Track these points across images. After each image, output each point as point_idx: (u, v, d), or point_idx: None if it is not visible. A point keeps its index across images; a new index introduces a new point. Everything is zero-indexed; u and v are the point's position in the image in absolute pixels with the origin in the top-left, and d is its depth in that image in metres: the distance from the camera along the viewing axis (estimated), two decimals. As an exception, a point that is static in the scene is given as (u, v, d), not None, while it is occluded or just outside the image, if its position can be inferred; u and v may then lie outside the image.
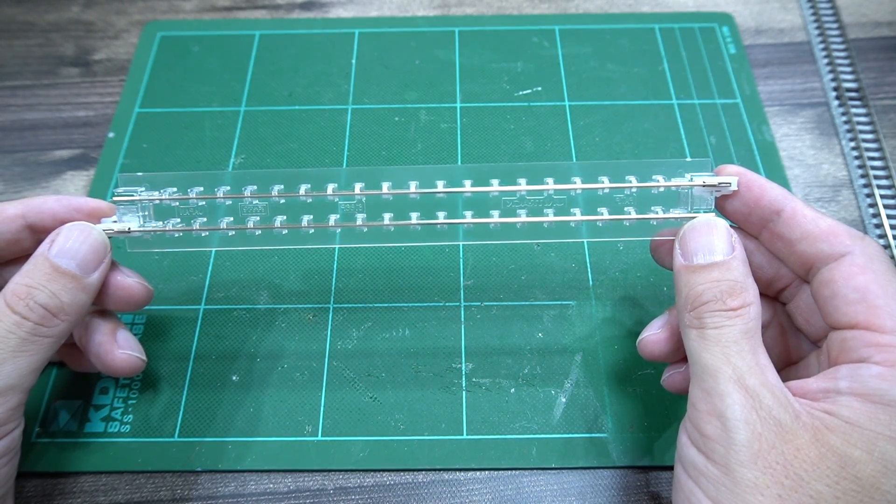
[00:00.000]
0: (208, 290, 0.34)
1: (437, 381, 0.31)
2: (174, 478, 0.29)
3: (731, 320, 0.22)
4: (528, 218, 0.27)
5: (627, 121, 0.40)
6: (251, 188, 0.27)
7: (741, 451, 0.20)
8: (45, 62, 0.43)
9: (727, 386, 0.21)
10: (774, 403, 0.21)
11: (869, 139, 0.39)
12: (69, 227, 0.26)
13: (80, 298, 0.25)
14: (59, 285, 0.24)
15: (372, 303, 0.33)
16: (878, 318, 0.21)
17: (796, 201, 0.24)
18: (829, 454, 0.20)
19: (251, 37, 0.44)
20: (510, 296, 0.33)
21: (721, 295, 0.23)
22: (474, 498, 0.29)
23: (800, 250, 0.24)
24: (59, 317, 0.25)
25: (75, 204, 0.27)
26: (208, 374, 0.31)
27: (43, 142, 0.40)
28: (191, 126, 0.40)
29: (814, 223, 0.24)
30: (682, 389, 0.27)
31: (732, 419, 0.21)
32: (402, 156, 0.38)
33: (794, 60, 0.43)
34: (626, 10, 0.45)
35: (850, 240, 0.23)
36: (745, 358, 0.22)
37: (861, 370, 0.21)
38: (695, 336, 0.23)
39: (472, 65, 0.42)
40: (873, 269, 0.22)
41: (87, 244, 0.26)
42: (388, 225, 0.27)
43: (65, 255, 0.25)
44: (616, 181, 0.27)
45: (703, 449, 0.21)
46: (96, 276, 0.26)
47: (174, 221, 0.27)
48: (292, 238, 0.28)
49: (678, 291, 0.24)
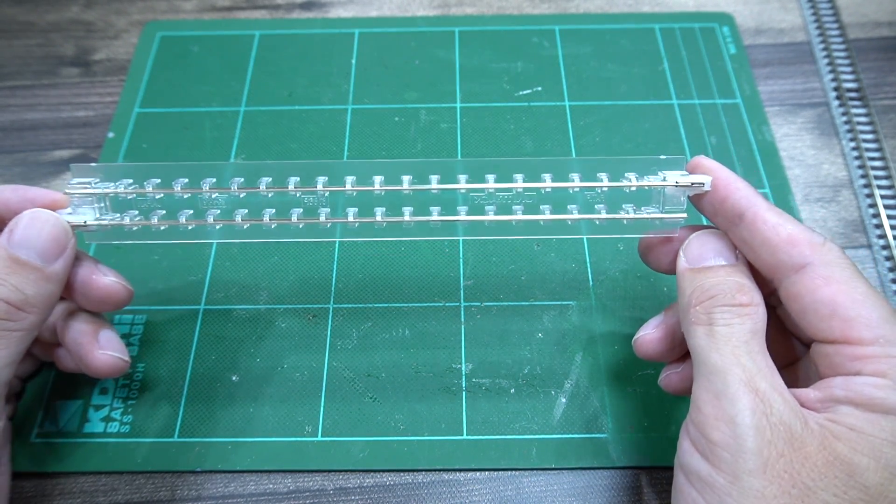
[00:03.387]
0: (208, 290, 0.34)
1: (437, 381, 0.31)
2: (174, 478, 0.29)
3: (741, 318, 0.22)
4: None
5: (627, 121, 0.40)
6: (209, 181, 0.26)
7: (750, 460, 0.19)
8: (45, 62, 0.43)
9: (737, 389, 0.20)
10: (785, 409, 0.20)
11: (869, 139, 0.39)
12: (26, 216, 0.25)
13: (46, 289, 0.24)
14: (20, 278, 0.24)
15: (372, 303, 0.33)
16: (855, 332, 0.21)
17: (759, 205, 0.23)
18: (836, 462, 0.19)
19: (251, 37, 0.43)
20: (510, 296, 0.33)
21: (730, 290, 0.22)
22: (474, 498, 0.29)
23: (762, 258, 0.23)
24: (26, 310, 0.24)
25: (30, 195, 0.26)
26: (208, 374, 0.31)
27: (43, 142, 0.40)
28: (191, 126, 0.40)
29: (774, 231, 0.23)
30: (679, 390, 0.27)
31: (743, 425, 0.20)
32: (402, 156, 0.38)
33: (794, 60, 0.43)
34: (626, 10, 0.45)
35: (810, 249, 0.22)
36: (756, 359, 0.21)
37: (856, 381, 0.20)
38: (702, 334, 0.22)
39: (472, 65, 0.42)
40: (836, 278, 0.21)
41: (47, 232, 0.25)
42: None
43: (24, 246, 0.24)
44: (588, 178, 0.26)
45: (707, 455, 0.20)
46: (60, 265, 0.25)
47: (132, 214, 0.27)
48: (253, 232, 0.27)
49: (681, 291, 0.24)
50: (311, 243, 0.35)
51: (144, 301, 0.33)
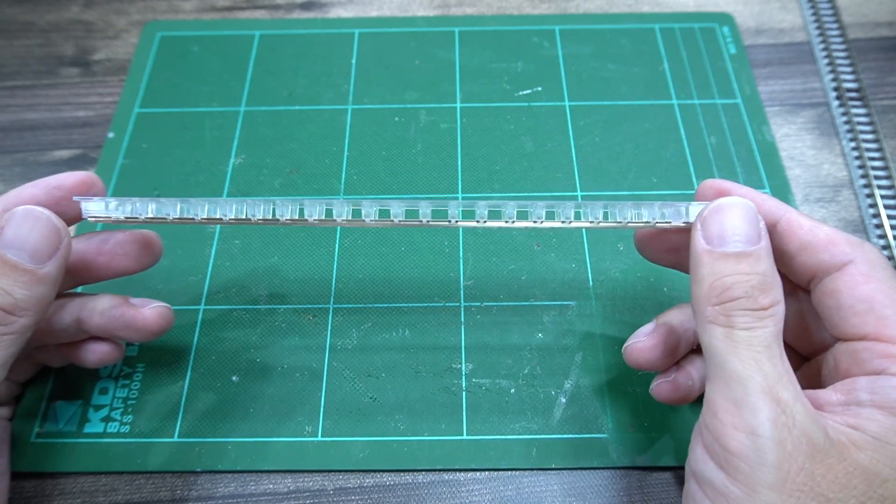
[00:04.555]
0: (208, 290, 0.34)
1: (437, 382, 0.31)
2: (174, 478, 0.29)
3: (763, 321, 0.20)
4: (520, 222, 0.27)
5: (627, 121, 0.40)
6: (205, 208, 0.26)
7: (769, 473, 0.19)
8: (45, 62, 0.43)
9: (758, 398, 0.19)
10: (807, 420, 0.19)
11: (869, 139, 0.39)
12: (18, 213, 0.23)
13: (38, 291, 0.23)
14: (10, 280, 0.23)
15: (372, 303, 0.33)
16: (888, 329, 0.21)
17: (791, 211, 0.23)
18: (856, 472, 0.19)
19: (251, 37, 0.43)
20: (510, 296, 0.33)
21: (752, 291, 0.21)
22: (474, 498, 0.29)
23: (799, 261, 0.23)
24: (16, 313, 0.23)
25: (54, 182, 0.25)
26: (208, 375, 0.31)
27: (43, 142, 0.40)
28: (191, 126, 0.40)
29: (811, 233, 0.23)
30: (671, 399, 0.27)
31: (764, 437, 0.19)
32: (402, 156, 0.38)
33: (794, 60, 0.43)
34: (626, 10, 0.45)
35: (850, 247, 0.22)
36: (777, 365, 0.20)
37: (881, 382, 0.20)
38: (721, 335, 0.21)
39: (472, 65, 0.42)
40: (877, 277, 0.21)
41: (37, 231, 0.23)
42: (371, 224, 0.26)
43: (13, 246, 0.23)
44: (612, 216, 0.25)
45: (723, 465, 0.20)
46: (53, 266, 0.23)
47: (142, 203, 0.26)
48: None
49: (698, 279, 0.22)
50: (312, 243, 0.35)
51: (144, 301, 0.33)
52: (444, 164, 0.38)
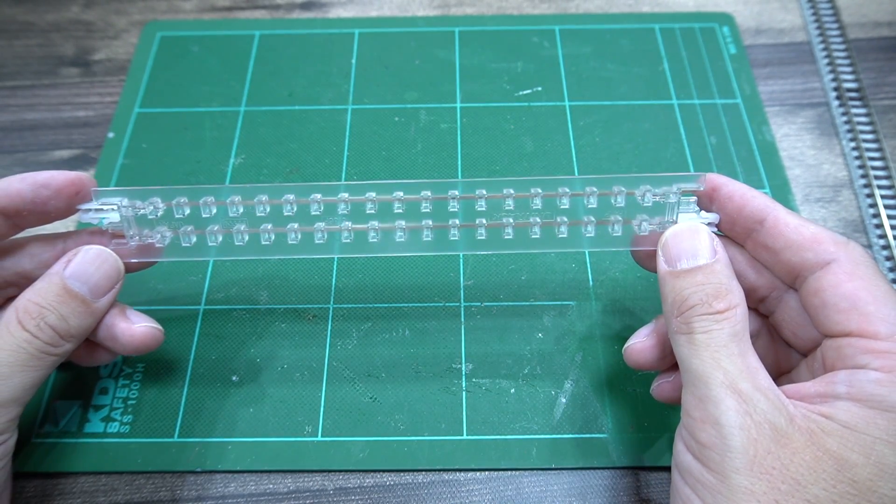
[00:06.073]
0: (208, 290, 0.34)
1: (437, 382, 0.31)
2: (174, 478, 0.29)
3: (719, 323, 0.22)
4: (516, 222, 0.27)
5: (627, 121, 0.40)
6: (236, 198, 0.27)
7: (736, 458, 0.20)
8: (45, 62, 0.43)
9: (719, 391, 0.21)
10: (768, 407, 0.21)
11: (869, 139, 0.39)
12: (86, 250, 0.26)
13: (87, 322, 0.25)
14: (69, 308, 0.25)
15: (372, 303, 0.33)
16: (871, 325, 0.21)
17: (778, 209, 0.24)
18: (825, 457, 0.20)
19: (251, 37, 0.43)
20: (510, 296, 0.33)
21: (707, 298, 0.23)
22: (474, 498, 0.29)
23: (785, 259, 0.24)
24: (66, 339, 0.25)
25: (41, 180, 0.25)
26: (208, 374, 0.31)
27: (43, 142, 0.40)
28: (191, 126, 0.40)
29: (797, 231, 0.23)
30: (672, 399, 0.27)
31: (727, 425, 0.20)
32: (402, 156, 0.38)
33: (794, 60, 0.43)
34: (626, 10, 0.45)
35: (835, 246, 0.23)
36: (735, 362, 0.21)
37: (859, 375, 0.21)
38: (684, 342, 0.23)
39: (472, 65, 0.42)
40: (860, 274, 0.22)
41: (102, 270, 0.26)
42: (373, 232, 0.27)
43: (78, 278, 0.25)
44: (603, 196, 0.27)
45: (698, 456, 0.21)
46: (104, 301, 0.26)
47: (162, 231, 0.27)
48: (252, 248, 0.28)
49: (664, 298, 0.24)
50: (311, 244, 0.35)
51: (144, 301, 0.33)
52: (444, 164, 0.38)
